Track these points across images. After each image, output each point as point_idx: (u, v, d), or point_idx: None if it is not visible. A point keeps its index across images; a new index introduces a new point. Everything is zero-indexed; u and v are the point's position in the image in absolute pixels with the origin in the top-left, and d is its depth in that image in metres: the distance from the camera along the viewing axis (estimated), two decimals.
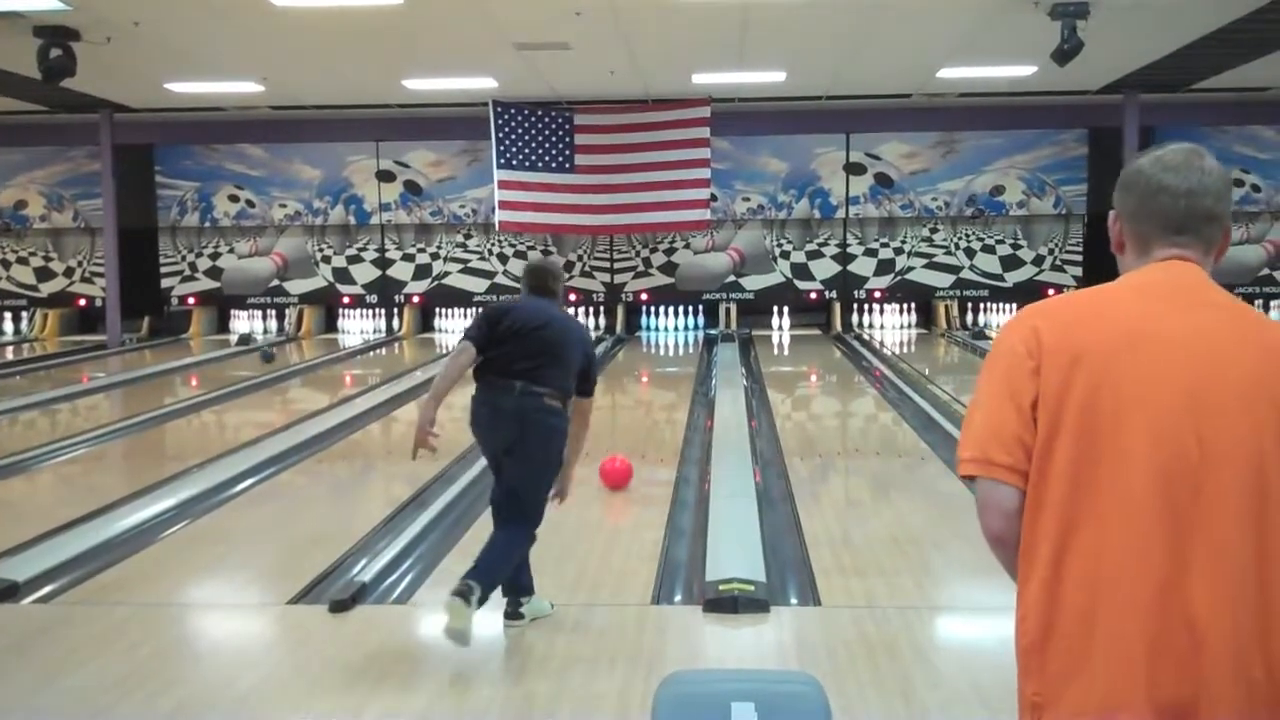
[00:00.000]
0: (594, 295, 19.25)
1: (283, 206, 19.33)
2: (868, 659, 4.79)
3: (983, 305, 18.96)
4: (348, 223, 19.31)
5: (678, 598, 5.68)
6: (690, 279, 19.16)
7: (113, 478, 9.13)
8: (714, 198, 18.05)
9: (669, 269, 19.18)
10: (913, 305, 19.21)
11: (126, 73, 14.43)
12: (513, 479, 5.10)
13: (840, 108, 17.97)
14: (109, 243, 18.16)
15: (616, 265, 19.24)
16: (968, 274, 18.86)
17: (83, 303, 19.85)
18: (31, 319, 19.93)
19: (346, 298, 19.54)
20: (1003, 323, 16.65)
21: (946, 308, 18.79)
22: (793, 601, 5.56)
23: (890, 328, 19.05)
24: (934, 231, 18.88)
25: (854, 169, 18.71)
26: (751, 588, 5.45)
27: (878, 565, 6.03)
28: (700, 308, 19.28)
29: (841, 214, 18.82)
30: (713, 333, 18.38)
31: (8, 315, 20.04)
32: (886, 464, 8.70)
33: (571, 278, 19.20)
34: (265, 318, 19.72)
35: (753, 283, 19.07)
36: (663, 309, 19.37)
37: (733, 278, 19.09)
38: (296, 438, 9.88)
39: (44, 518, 7.15)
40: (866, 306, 19.19)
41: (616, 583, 5.85)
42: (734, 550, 6.11)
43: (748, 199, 18.80)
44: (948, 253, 18.92)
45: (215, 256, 19.62)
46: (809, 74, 15.27)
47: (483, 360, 5.10)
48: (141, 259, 19.19)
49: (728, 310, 19.02)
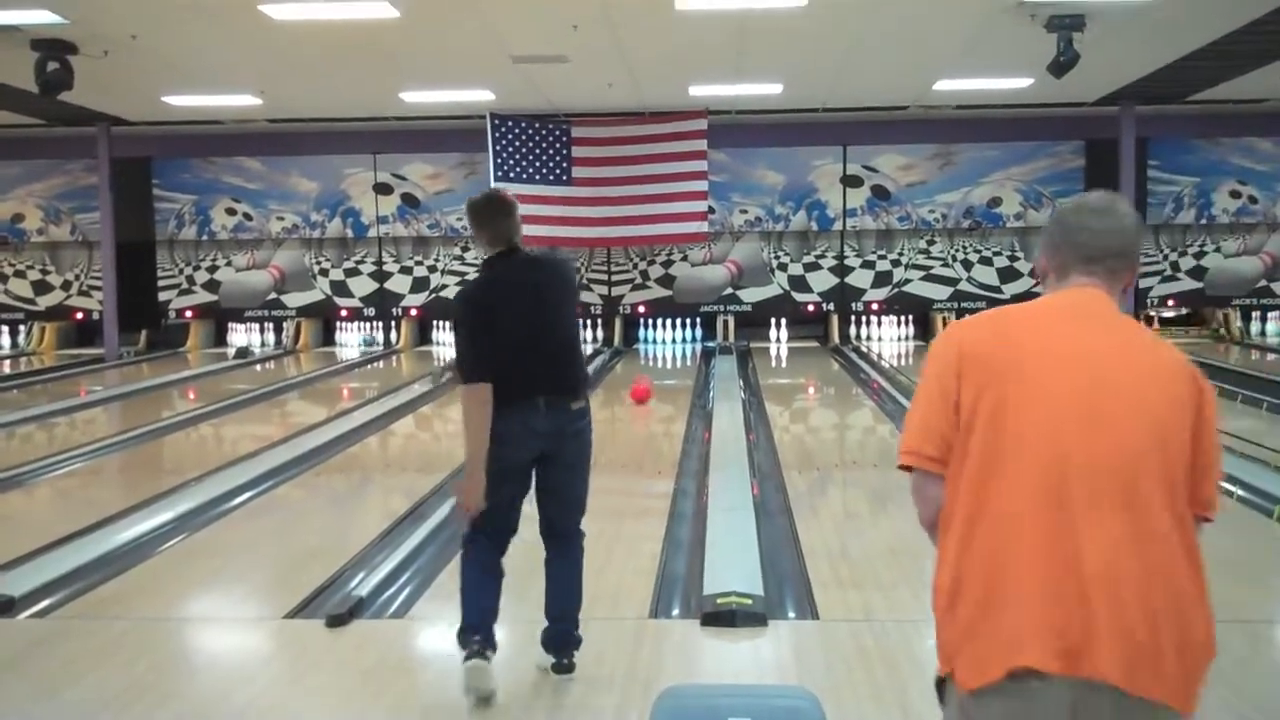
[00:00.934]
0: (592, 307, 19.25)
1: (280, 219, 19.33)
2: (865, 673, 4.78)
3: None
4: (345, 235, 19.30)
5: (675, 611, 5.68)
6: (688, 291, 19.16)
7: (110, 491, 9.12)
8: (711, 210, 18.07)
9: (667, 281, 19.19)
10: (910, 317, 19.21)
11: (124, 86, 14.44)
12: (559, 485, 4.77)
13: (837, 120, 18.01)
14: (106, 256, 18.18)
15: (614, 278, 19.25)
16: (965, 286, 18.87)
17: (80, 316, 19.83)
18: (29, 332, 19.92)
19: (344, 310, 19.54)
20: None
21: (944, 320, 18.79)
22: (790, 615, 5.55)
23: (888, 340, 19.05)
24: (931, 243, 18.89)
25: (851, 181, 18.72)
26: (749, 601, 5.44)
27: (875, 578, 6.02)
28: (698, 320, 19.29)
29: (839, 226, 18.83)
30: (710, 345, 18.38)
31: (5, 329, 20.04)
32: (884, 476, 8.68)
33: None
34: (263, 331, 19.72)
35: (750, 295, 19.07)
36: (660, 321, 19.38)
37: (730, 290, 19.09)
38: (294, 451, 9.87)
39: (41, 532, 7.14)
40: (864, 319, 19.19)
41: (614, 596, 5.84)
42: (732, 563, 6.10)
43: (745, 211, 18.81)
44: (945, 265, 18.93)
45: (213, 269, 19.61)
46: (806, 86, 15.30)
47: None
48: (139, 272, 19.18)
49: (725, 322, 19.02)
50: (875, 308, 19.09)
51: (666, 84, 15.16)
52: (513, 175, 17.37)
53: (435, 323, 19.49)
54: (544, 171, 17.53)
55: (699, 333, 19.23)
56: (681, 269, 19.11)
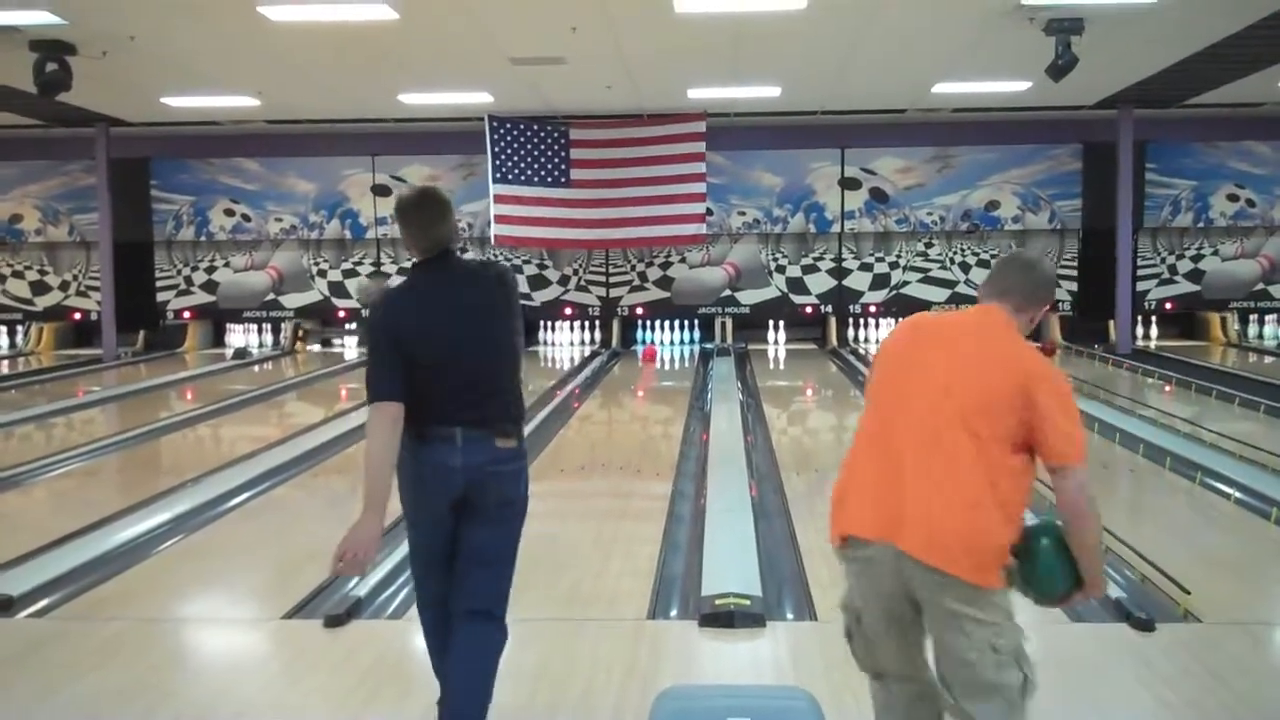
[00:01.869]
0: (589, 309, 19.25)
1: (278, 220, 19.32)
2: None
3: None
4: (343, 237, 19.29)
5: (673, 612, 5.67)
6: (686, 293, 19.16)
7: (108, 492, 9.11)
8: (709, 212, 18.07)
9: (665, 283, 19.18)
10: None
11: (122, 87, 14.44)
12: (476, 546, 4.01)
13: (835, 123, 18.02)
14: (105, 256, 18.18)
15: (612, 279, 19.24)
16: (963, 289, 18.86)
17: (78, 317, 19.81)
18: (27, 333, 19.92)
19: (342, 311, 19.54)
20: None
21: None
22: (789, 616, 5.55)
23: None
24: (929, 246, 18.89)
25: (849, 184, 18.72)
26: (747, 602, 5.45)
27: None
28: (696, 322, 19.29)
29: (837, 229, 18.83)
30: (709, 347, 18.38)
31: (3, 329, 20.01)
32: None
33: (567, 291, 19.22)
34: (260, 332, 19.71)
35: (748, 297, 19.07)
36: (658, 323, 19.38)
37: (728, 292, 19.09)
38: (292, 452, 9.87)
39: (39, 532, 7.14)
40: (862, 321, 19.19)
41: (612, 597, 5.84)
42: (730, 564, 6.11)
43: (743, 213, 18.80)
44: (943, 267, 18.93)
45: (211, 270, 19.60)
46: (804, 89, 15.31)
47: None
48: (137, 273, 19.17)
49: (723, 324, 19.02)
50: (873, 310, 19.09)
51: (665, 86, 15.17)
52: (511, 177, 17.38)
53: None
54: (542, 174, 17.54)
55: (697, 334, 19.23)
56: (680, 271, 19.11)
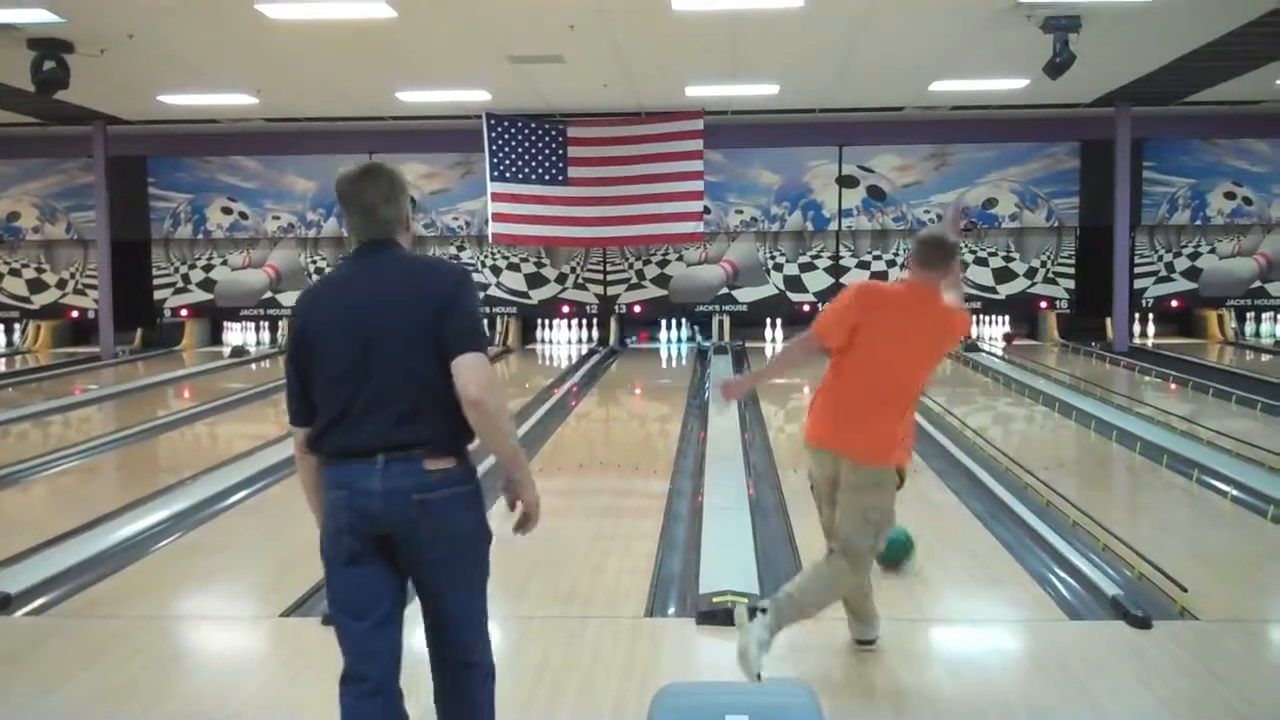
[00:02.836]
0: (587, 307, 19.26)
1: (276, 218, 19.31)
2: (860, 669, 4.80)
3: (975, 317, 18.93)
4: (341, 235, 19.27)
5: (671, 610, 5.68)
6: (683, 291, 19.16)
7: (105, 490, 9.11)
8: (707, 210, 18.08)
9: (662, 281, 19.19)
10: None
11: (120, 85, 14.43)
12: (430, 590, 3.41)
13: (833, 120, 18.02)
14: (102, 254, 18.17)
15: (610, 277, 19.25)
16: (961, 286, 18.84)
17: (75, 315, 19.81)
18: (24, 331, 19.91)
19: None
20: (994, 334, 16.67)
21: None
22: None
23: None
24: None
25: (847, 181, 18.72)
26: (745, 599, 5.44)
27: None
28: (693, 320, 19.29)
29: (834, 226, 18.84)
30: (706, 345, 18.39)
31: (0, 327, 20.01)
32: None
33: (565, 290, 19.22)
34: (258, 329, 19.71)
35: (746, 295, 19.08)
36: (656, 321, 19.38)
37: (726, 290, 19.09)
38: (289, 450, 9.82)
39: (37, 530, 7.14)
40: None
41: (610, 595, 5.85)
42: (727, 562, 6.12)
43: (741, 211, 18.80)
44: None
45: (208, 269, 19.60)
46: (802, 87, 15.30)
47: (312, 431, 3.41)
48: (134, 271, 19.16)
49: (721, 322, 19.03)
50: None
51: (662, 84, 15.17)
52: (508, 175, 17.39)
53: None
54: (540, 171, 17.54)
55: (694, 332, 19.23)
56: (677, 269, 19.11)
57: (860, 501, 4.68)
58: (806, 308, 18.93)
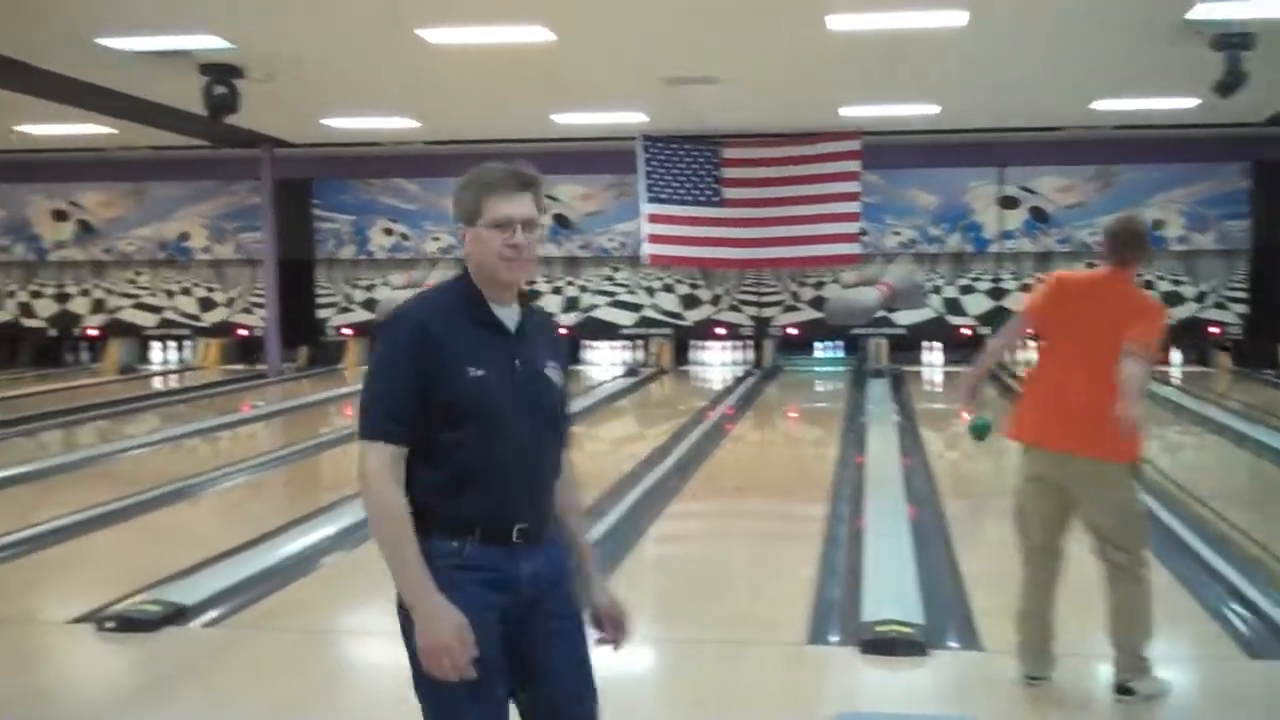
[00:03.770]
0: (741, 329, 19.18)
1: (435, 240, 19.65)
2: (1030, 706, 4.65)
3: None
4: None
5: (833, 638, 5.58)
6: (839, 313, 18.92)
7: (273, 504, 9.34)
8: (864, 232, 17.87)
9: (818, 303, 19.00)
10: None
11: (286, 109, 14.83)
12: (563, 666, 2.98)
13: (992, 140, 17.61)
14: (269, 274, 18.63)
15: (764, 299, 19.15)
16: None
17: (243, 333, 20.40)
18: (195, 348, 20.57)
19: None
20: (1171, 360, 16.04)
21: None
22: (952, 645, 5.42)
23: None
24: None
25: (1008, 202, 18.33)
26: (910, 629, 5.33)
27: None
28: (850, 342, 19.06)
29: (995, 248, 18.45)
30: (863, 368, 18.15)
31: (172, 345, 20.71)
32: None
33: (719, 311, 19.18)
34: None
35: (904, 318, 18.78)
36: (811, 344, 19.22)
37: (883, 312, 18.80)
38: None
39: (207, 543, 7.33)
40: (1021, 343, 18.72)
41: (770, 621, 5.77)
42: (890, 590, 6.00)
43: (898, 233, 18.54)
44: None
45: (370, 289, 20.04)
46: (963, 107, 15.02)
47: (420, 482, 2.81)
48: (299, 290, 19.68)
49: (878, 345, 18.76)
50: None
51: (817, 104, 15.03)
52: (663, 197, 17.43)
53: (584, 341, 19.40)
54: (694, 193, 17.55)
55: (850, 355, 18.96)
56: (833, 291, 18.88)
57: (1117, 498, 4.72)
58: (966, 331, 18.53)
